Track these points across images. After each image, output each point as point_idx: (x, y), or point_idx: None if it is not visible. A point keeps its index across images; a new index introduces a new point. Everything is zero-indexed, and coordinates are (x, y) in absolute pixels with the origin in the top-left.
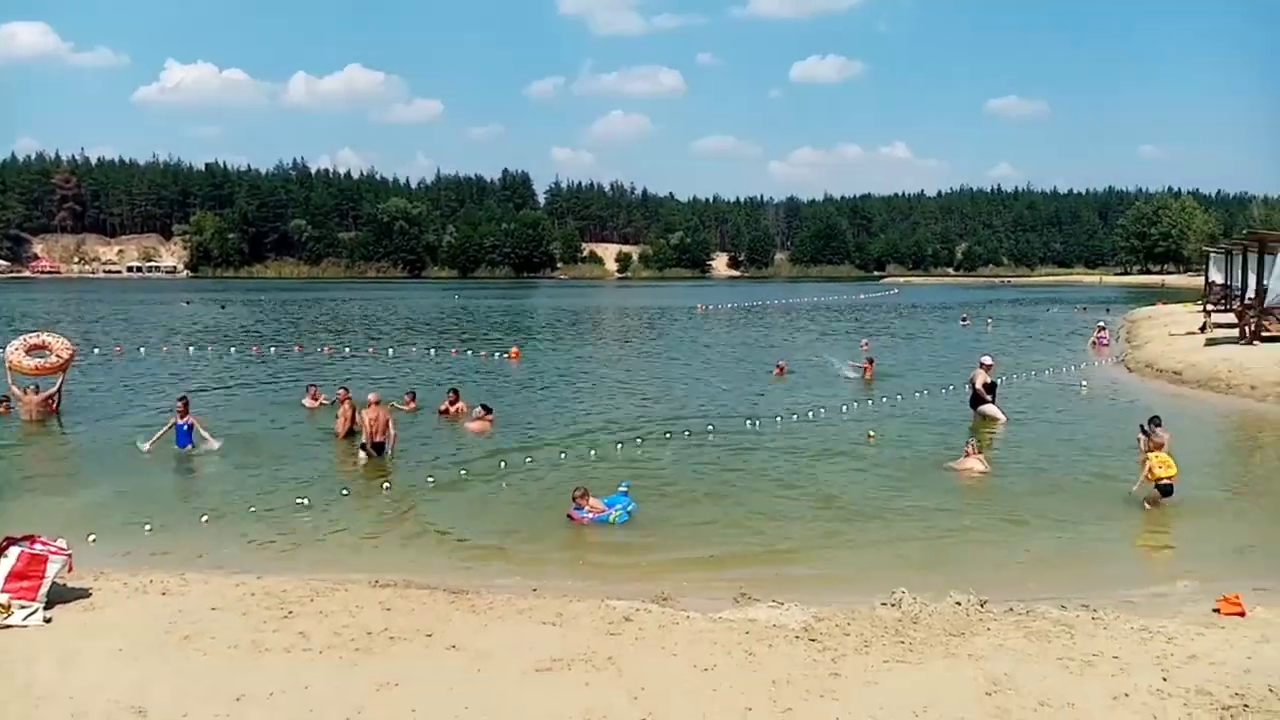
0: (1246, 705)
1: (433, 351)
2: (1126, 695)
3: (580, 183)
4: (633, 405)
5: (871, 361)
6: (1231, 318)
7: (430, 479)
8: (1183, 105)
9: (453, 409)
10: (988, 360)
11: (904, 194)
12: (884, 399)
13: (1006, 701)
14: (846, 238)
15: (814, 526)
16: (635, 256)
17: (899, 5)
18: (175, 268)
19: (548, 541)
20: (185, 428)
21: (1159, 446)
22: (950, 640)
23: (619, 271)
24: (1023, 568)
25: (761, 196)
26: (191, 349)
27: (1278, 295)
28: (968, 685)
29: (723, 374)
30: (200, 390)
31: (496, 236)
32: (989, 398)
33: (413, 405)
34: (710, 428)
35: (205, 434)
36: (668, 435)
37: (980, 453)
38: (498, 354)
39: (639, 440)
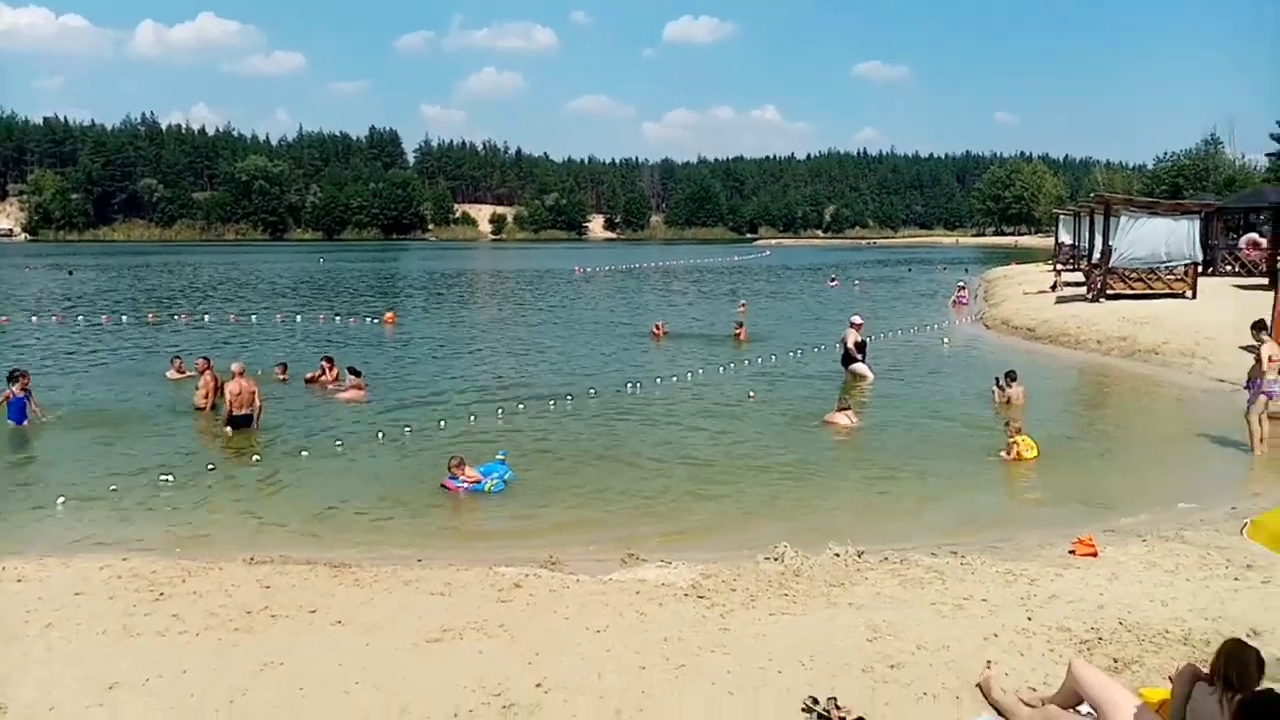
0: (1100, 638)
1: (299, 318)
2: (995, 635)
3: (452, 141)
4: (513, 370)
5: (742, 325)
6: (1079, 276)
7: (304, 451)
8: (1033, 73)
9: (324, 378)
10: (858, 320)
11: (775, 157)
12: (759, 359)
13: (887, 647)
14: (720, 200)
15: (697, 485)
16: (510, 218)
17: None
18: (11, 231)
19: (431, 512)
20: (20, 402)
21: (1010, 401)
22: (831, 591)
23: (493, 233)
24: (895, 517)
25: (636, 158)
26: (35, 318)
27: (1121, 255)
28: (850, 633)
29: (602, 337)
30: (45, 362)
31: (364, 197)
32: (859, 356)
33: (284, 376)
34: (591, 391)
35: (37, 409)
36: (550, 401)
37: (851, 408)
38: (370, 319)
39: (520, 405)
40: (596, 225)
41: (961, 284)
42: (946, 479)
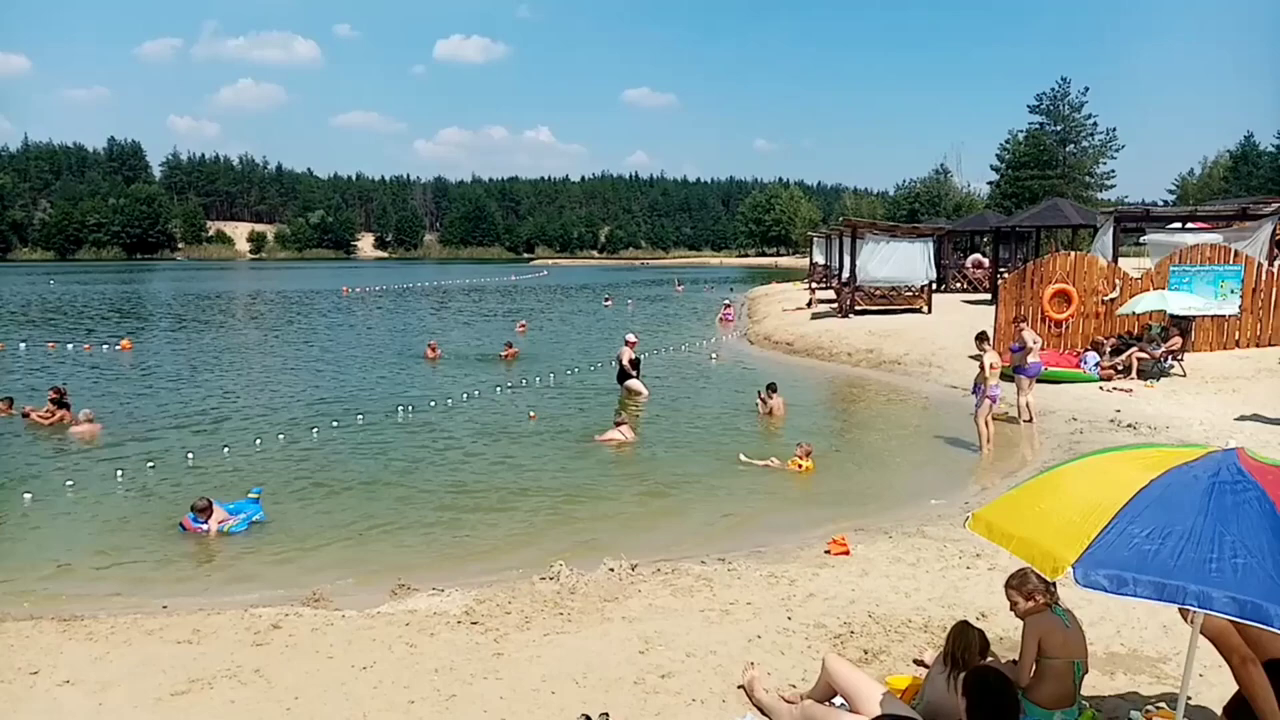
0: (853, 631)
1: (23, 346)
2: (759, 636)
3: (204, 155)
4: (273, 397)
5: (511, 344)
6: (832, 294)
7: (27, 494)
8: (789, 102)
9: (47, 412)
10: (631, 337)
11: (550, 178)
12: (537, 378)
13: (658, 657)
14: (496, 219)
15: (474, 508)
16: (271, 236)
17: None
18: None
19: (177, 555)
20: None
21: (772, 412)
22: (605, 606)
23: (252, 252)
24: (669, 529)
25: (408, 176)
26: None
27: (867, 274)
28: (623, 646)
29: (372, 359)
30: None
31: (103, 213)
32: (634, 372)
33: (8, 411)
34: (359, 416)
35: None
36: (312, 428)
37: (627, 424)
38: (105, 345)
39: (280, 435)
40: (366, 244)
41: (727, 302)
42: (714, 487)
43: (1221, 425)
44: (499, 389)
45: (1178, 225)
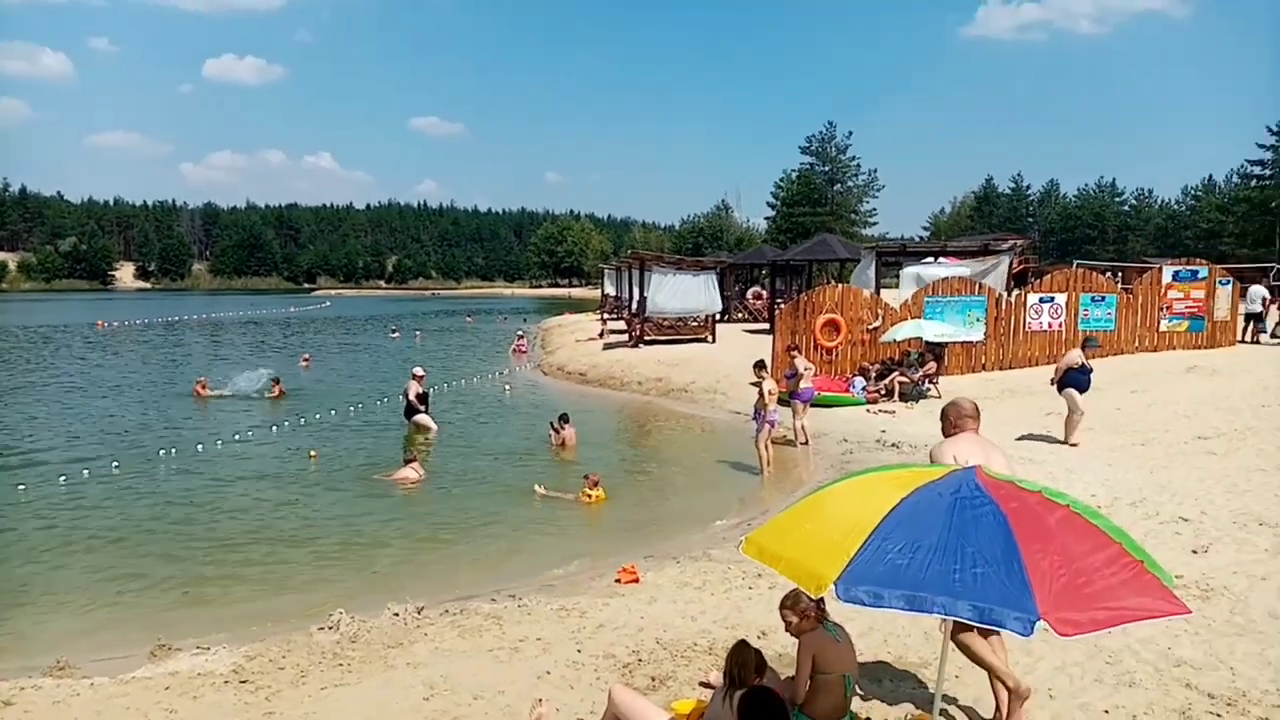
0: (641, 659)
1: None
2: (548, 672)
3: None
4: (15, 443)
5: (278, 380)
6: (622, 325)
7: None
8: (579, 136)
9: None
10: (419, 371)
11: (333, 205)
12: (317, 415)
13: (444, 702)
14: (273, 248)
15: (246, 558)
16: (13, 265)
17: (319, 16)
18: None
19: None
20: None
21: (565, 442)
22: (389, 653)
23: None
24: (458, 567)
25: (174, 201)
26: None
27: (656, 305)
28: (407, 694)
29: (130, 399)
30: None
31: None
32: (422, 407)
33: None
34: (115, 464)
35: None
36: (61, 475)
37: (416, 460)
38: None
39: (20, 486)
40: (126, 274)
41: (520, 333)
42: (508, 523)
43: None
44: (274, 428)
45: (930, 259)
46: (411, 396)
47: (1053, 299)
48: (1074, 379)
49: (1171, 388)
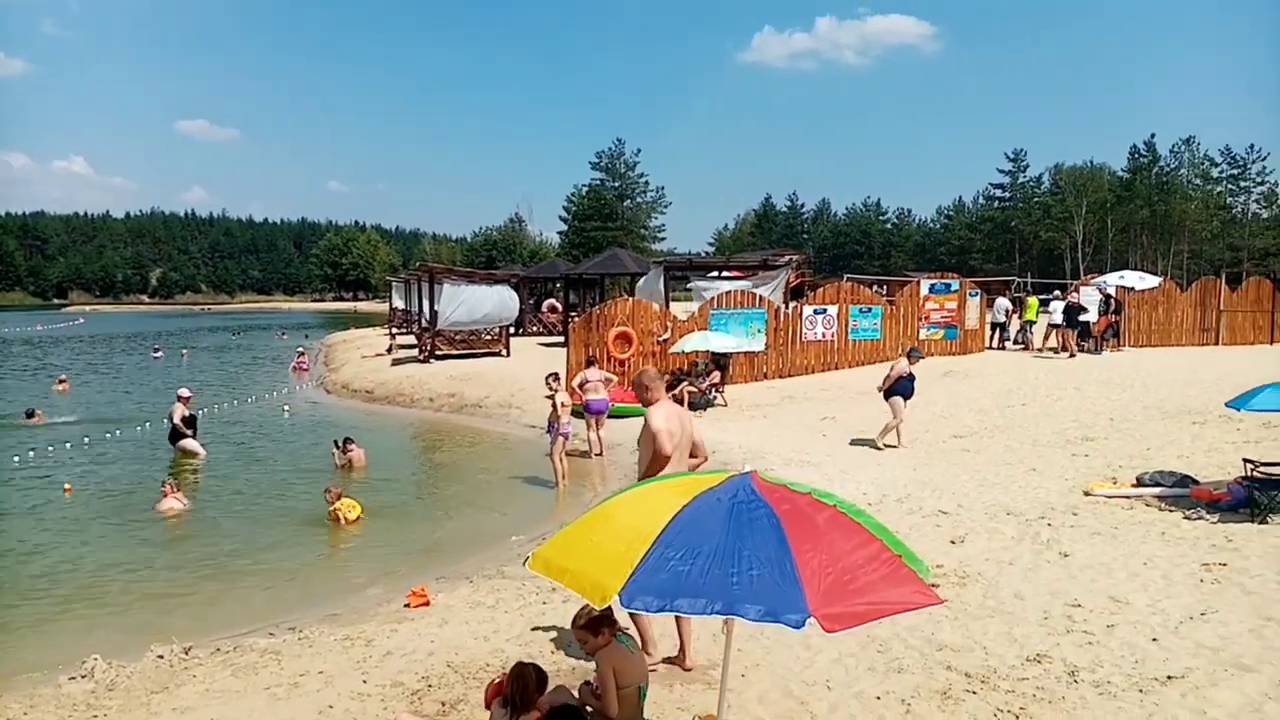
0: (431, 685)
1: None
2: (331, 706)
3: None
4: None
5: (35, 411)
6: (412, 339)
7: None
8: (363, 143)
9: None
10: (185, 392)
11: (87, 214)
12: (67, 443)
13: None
14: (17, 260)
15: None
16: None
17: (67, 6)
18: None
19: None
20: None
21: (351, 464)
22: (153, 698)
23: None
24: (232, 603)
25: None
26: None
27: (447, 319)
28: None
29: None
30: None
31: None
32: (188, 431)
33: None
34: None
35: None
36: None
37: (181, 490)
38: None
39: None
40: None
41: (301, 350)
42: (286, 553)
43: (756, 446)
44: (16, 457)
45: (715, 274)
46: (176, 419)
47: (825, 310)
48: (902, 387)
49: (931, 391)
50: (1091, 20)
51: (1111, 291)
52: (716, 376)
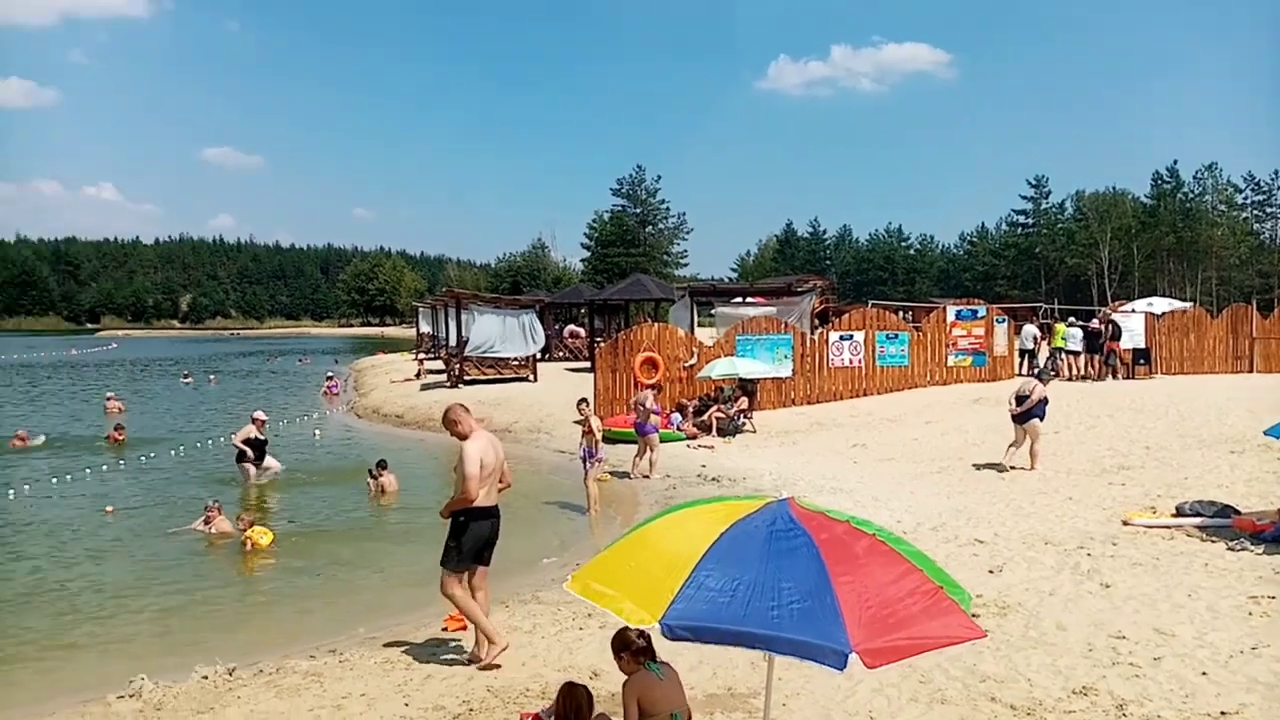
0: (472, 709)
1: None
2: None
3: None
4: None
5: (120, 428)
6: (440, 364)
7: None
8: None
9: None
10: (261, 415)
11: (118, 239)
12: (104, 465)
13: None
14: (50, 285)
15: (31, 623)
16: None
17: (95, 38)
18: None
19: None
20: None
21: (384, 489)
22: (198, 719)
23: None
24: (271, 624)
25: None
26: None
27: (474, 345)
28: None
29: None
30: None
31: None
32: (250, 453)
33: None
34: None
35: None
36: None
37: (224, 511)
38: None
39: None
40: None
41: (330, 375)
42: (327, 574)
43: (786, 473)
44: (54, 478)
45: (740, 300)
46: (238, 440)
47: (852, 336)
48: (1040, 409)
49: (962, 418)
50: (1110, 47)
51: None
52: (744, 402)
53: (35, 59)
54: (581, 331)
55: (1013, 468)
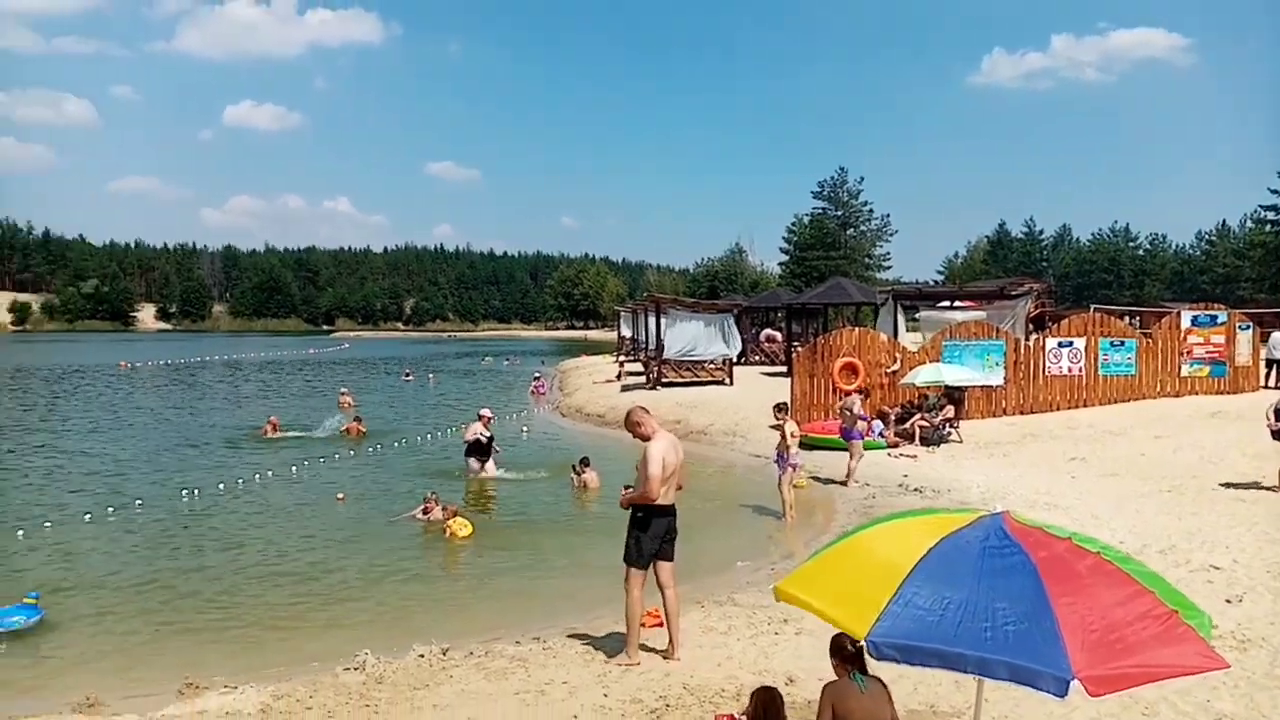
0: (669, 705)
1: None
2: (575, 716)
3: None
4: (42, 484)
5: (360, 419)
6: (640, 367)
7: None
8: (593, 180)
9: None
10: (487, 413)
11: (351, 248)
12: (336, 455)
13: None
14: (292, 290)
15: (271, 598)
16: (37, 306)
17: (336, 64)
18: None
19: None
20: None
21: (586, 485)
22: (415, 694)
23: (15, 323)
24: (482, 609)
25: (194, 244)
26: None
27: (672, 348)
28: None
29: (155, 437)
30: None
31: None
32: (479, 451)
33: None
34: (138, 501)
35: None
36: (86, 516)
37: (439, 502)
38: None
39: (47, 524)
40: (147, 315)
41: (538, 375)
42: (533, 566)
43: (995, 486)
44: (294, 467)
45: (947, 303)
46: (469, 437)
47: (1071, 343)
48: None
49: (1196, 433)
50: None
51: None
52: (950, 411)
53: (286, 86)
54: (778, 336)
55: (1267, 489)
